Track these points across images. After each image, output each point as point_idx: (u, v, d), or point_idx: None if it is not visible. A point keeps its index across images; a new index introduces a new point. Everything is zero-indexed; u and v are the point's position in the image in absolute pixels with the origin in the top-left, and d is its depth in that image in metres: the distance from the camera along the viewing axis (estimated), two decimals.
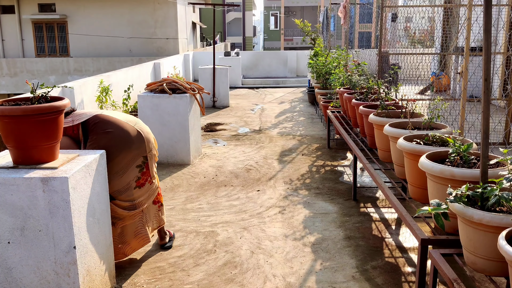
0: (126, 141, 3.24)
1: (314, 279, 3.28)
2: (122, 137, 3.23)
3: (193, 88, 6.12)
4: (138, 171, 3.34)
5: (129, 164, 3.28)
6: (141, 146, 3.34)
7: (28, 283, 2.66)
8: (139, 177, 3.36)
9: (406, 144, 3.13)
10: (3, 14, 20.19)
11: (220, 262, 3.54)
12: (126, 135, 3.26)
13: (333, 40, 12.53)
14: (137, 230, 3.48)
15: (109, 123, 3.24)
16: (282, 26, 40.97)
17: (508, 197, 2.03)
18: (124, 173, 3.26)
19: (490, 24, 2.18)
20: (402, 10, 7.52)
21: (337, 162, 6.22)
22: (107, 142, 3.17)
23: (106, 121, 3.24)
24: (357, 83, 6.07)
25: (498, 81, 7.75)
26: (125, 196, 3.31)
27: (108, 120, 3.25)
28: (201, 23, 27.28)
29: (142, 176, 3.38)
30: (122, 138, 3.23)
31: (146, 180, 3.43)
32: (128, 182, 3.29)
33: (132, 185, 3.33)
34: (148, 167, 3.42)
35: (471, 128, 4.32)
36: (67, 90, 6.31)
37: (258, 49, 49.58)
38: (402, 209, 3.10)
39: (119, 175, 3.24)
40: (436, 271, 2.45)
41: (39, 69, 19.19)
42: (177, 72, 12.94)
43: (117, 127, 3.24)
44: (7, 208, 2.57)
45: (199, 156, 6.51)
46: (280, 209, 4.58)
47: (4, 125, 2.58)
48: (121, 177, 3.25)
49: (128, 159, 3.26)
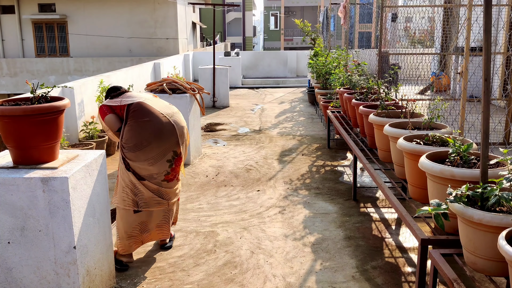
0: (158, 133, 3.35)
1: (314, 279, 3.28)
2: (154, 129, 3.34)
3: (193, 88, 6.12)
4: (168, 165, 3.43)
5: (160, 156, 3.37)
6: (172, 139, 3.43)
7: (28, 283, 2.66)
8: (168, 172, 3.44)
9: (406, 144, 3.13)
10: (3, 14, 20.18)
11: (220, 262, 3.54)
12: (159, 127, 3.36)
13: (333, 40, 12.54)
14: (160, 223, 3.56)
15: (146, 113, 3.36)
16: (282, 26, 40.96)
17: (508, 197, 2.03)
18: (155, 163, 3.36)
19: (490, 24, 2.18)
20: (402, 10, 7.52)
21: (337, 162, 6.22)
22: (140, 130, 3.31)
23: (145, 111, 3.37)
24: (357, 83, 6.07)
25: (498, 81, 7.75)
26: (154, 184, 3.40)
27: (147, 109, 3.38)
28: (201, 23, 27.28)
29: (171, 171, 3.47)
30: (154, 129, 3.34)
31: (175, 176, 3.52)
32: (157, 173, 3.39)
33: (160, 178, 3.41)
34: (177, 163, 3.51)
35: (471, 128, 4.32)
36: (67, 90, 6.31)
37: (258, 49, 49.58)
38: (402, 209, 3.10)
39: (150, 163, 3.35)
40: (436, 271, 2.45)
41: (39, 69, 19.18)
42: (177, 72, 12.93)
43: (152, 118, 3.36)
44: (7, 208, 2.57)
45: (199, 156, 6.51)
46: (280, 209, 4.58)
47: (4, 125, 2.58)
48: (151, 166, 3.36)
49: (159, 151, 3.36)
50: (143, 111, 3.37)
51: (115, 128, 3.42)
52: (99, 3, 19.59)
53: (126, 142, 3.32)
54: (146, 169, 3.35)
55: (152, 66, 11.27)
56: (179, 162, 3.52)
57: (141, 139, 3.29)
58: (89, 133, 6.42)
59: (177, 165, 3.51)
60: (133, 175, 3.35)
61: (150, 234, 3.55)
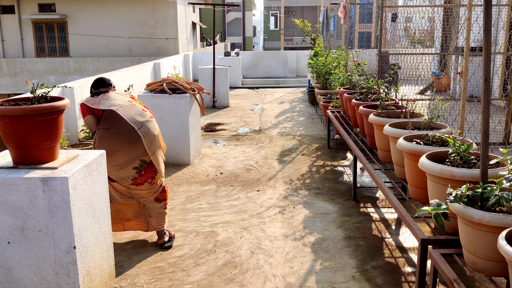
0: (123, 144, 3.52)
1: (314, 279, 3.28)
2: (120, 140, 3.51)
3: (193, 88, 6.12)
4: (134, 172, 3.59)
5: (126, 164, 3.56)
6: (138, 149, 3.56)
7: (28, 283, 2.66)
8: (135, 177, 3.61)
9: (406, 144, 3.13)
10: (3, 14, 20.18)
11: (220, 262, 3.54)
12: (126, 138, 3.52)
13: (333, 40, 12.54)
14: (136, 214, 3.79)
15: (116, 123, 3.53)
16: (282, 26, 40.96)
17: (508, 197, 2.03)
18: (120, 170, 3.56)
19: (490, 24, 2.18)
20: (402, 10, 7.52)
21: (337, 162, 6.22)
22: (108, 140, 3.51)
23: (113, 120, 3.53)
24: (357, 83, 6.07)
25: (498, 81, 7.75)
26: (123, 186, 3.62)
27: (116, 119, 3.53)
28: (201, 23, 27.28)
29: (139, 177, 3.62)
30: (120, 140, 3.51)
31: (145, 180, 3.66)
32: (124, 177, 3.59)
33: (128, 182, 3.60)
34: (147, 169, 3.64)
35: (471, 128, 4.32)
36: (67, 90, 6.31)
37: (258, 49, 49.57)
38: (402, 209, 3.10)
39: (115, 169, 3.56)
40: (436, 271, 2.45)
41: (39, 69, 19.18)
42: (177, 72, 12.94)
43: (118, 130, 3.52)
44: (7, 208, 2.57)
45: (199, 156, 6.51)
46: (280, 209, 4.58)
47: (4, 125, 2.58)
48: (117, 171, 3.57)
49: (124, 159, 3.54)
50: (112, 120, 3.52)
51: (92, 131, 3.63)
52: (99, 3, 19.59)
53: (96, 148, 3.52)
54: (113, 173, 3.56)
55: (152, 66, 11.27)
56: (150, 168, 3.64)
57: (108, 148, 3.46)
58: (89, 133, 6.42)
59: (147, 171, 3.63)
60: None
61: (131, 223, 3.81)
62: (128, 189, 3.62)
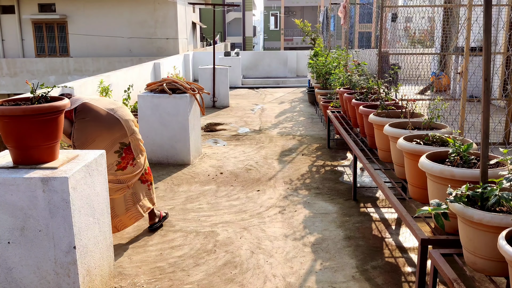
0: (102, 129, 3.61)
1: (314, 279, 3.28)
2: (98, 125, 3.59)
3: (193, 88, 6.12)
4: (117, 156, 3.71)
5: (108, 149, 3.64)
6: (117, 132, 3.68)
7: (28, 283, 2.66)
8: (119, 161, 3.73)
9: (406, 144, 3.13)
10: (3, 14, 20.19)
11: (220, 262, 3.55)
12: (102, 123, 3.62)
13: (333, 40, 12.53)
14: (128, 207, 3.85)
15: (89, 111, 3.60)
16: (282, 26, 40.96)
17: (508, 197, 2.03)
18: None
19: (490, 24, 2.18)
20: (402, 10, 7.52)
21: (337, 162, 6.22)
22: (84, 128, 3.57)
23: (88, 110, 3.60)
24: (357, 83, 6.07)
25: (498, 81, 7.75)
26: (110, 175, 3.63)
27: (90, 108, 3.61)
28: (201, 23, 27.28)
29: (122, 160, 3.75)
30: (98, 126, 3.59)
31: (127, 163, 3.78)
32: (109, 165, 3.62)
33: (113, 169, 3.69)
34: (127, 151, 3.77)
35: (471, 128, 4.32)
36: (67, 90, 6.31)
37: (258, 49, 49.56)
38: (402, 209, 3.10)
39: None
40: (436, 271, 2.45)
41: (39, 69, 19.19)
42: (177, 72, 12.94)
43: (95, 115, 3.61)
44: (7, 208, 2.57)
45: (199, 156, 6.51)
46: (280, 209, 4.58)
47: (4, 125, 2.58)
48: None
49: (105, 144, 3.63)
50: (85, 110, 3.60)
51: (67, 132, 3.59)
52: (99, 3, 19.60)
53: (75, 141, 3.58)
54: None
55: (152, 66, 11.27)
56: (129, 150, 3.78)
57: (86, 136, 3.56)
58: None
59: (127, 153, 3.77)
60: None
61: (121, 220, 3.83)
62: (115, 177, 3.70)
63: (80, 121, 3.57)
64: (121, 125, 3.69)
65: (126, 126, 3.72)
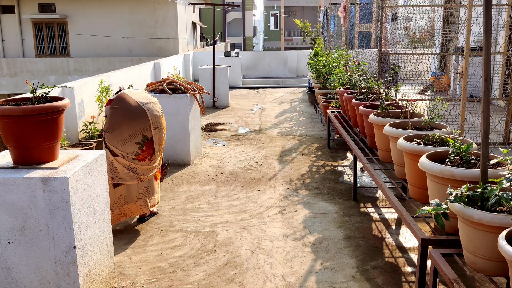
0: (128, 117, 3.93)
1: (314, 279, 3.28)
2: (125, 114, 3.93)
3: (193, 88, 6.12)
4: (137, 147, 3.98)
5: (129, 138, 3.94)
6: (141, 123, 3.96)
7: (28, 283, 2.66)
8: (138, 153, 3.99)
9: (406, 144, 3.13)
10: (3, 14, 20.18)
11: (220, 262, 3.54)
12: (129, 113, 3.94)
13: (333, 40, 12.53)
14: (139, 197, 4.10)
15: (121, 100, 3.98)
16: (282, 26, 40.96)
17: (508, 197, 2.03)
18: (125, 144, 3.95)
19: (490, 24, 2.18)
20: (402, 10, 7.52)
21: (337, 162, 6.22)
22: (113, 115, 3.96)
23: (120, 99, 3.99)
24: (357, 83, 6.07)
25: (498, 81, 7.75)
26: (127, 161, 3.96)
27: (122, 98, 3.99)
28: (201, 23, 27.28)
29: (142, 152, 4.01)
30: (125, 114, 3.93)
31: (146, 157, 4.04)
32: (128, 152, 3.96)
33: (131, 157, 3.97)
34: (148, 145, 4.02)
35: (471, 128, 4.32)
36: (67, 90, 6.31)
37: (258, 49, 49.56)
38: (402, 209, 3.10)
39: (120, 144, 3.95)
40: (436, 271, 2.45)
41: (39, 69, 19.18)
42: (177, 72, 12.93)
43: (124, 105, 3.96)
44: (7, 208, 2.57)
45: (199, 156, 6.51)
46: (280, 209, 4.58)
47: (4, 125, 2.59)
48: (121, 146, 3.95)
49: (128, 133, 3.93)
50: (118, 99, 3.98)
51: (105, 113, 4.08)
52: (99, 3, 19.59)
53: (104, 125, 4.00)
54: (118, 149, 3.94)
55: (152, 66, 11.27)
56: (150, 145, 4.03)
57: (114, 122, 3.92)
58: (89, 133, 6.42)
59: (148, 147, 4.02)
60: (108, 151, 3.94)
61: (129, 208, 4.06)
62: (132, 164, 3.97)
63: (112, 108, 3.97)
64: (146, 118, 3.97)
65: (152, 119, 4.00)
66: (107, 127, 3.95)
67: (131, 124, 3.92)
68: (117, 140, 3.92)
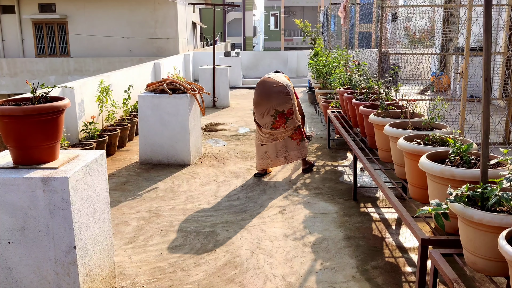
0: (262, 97, 5.30)
1: (314, 279, 3.28)
2: (261, 94, 5.31)
3: (193, 88, 6.12)
4: (272, 118, 5.33)
5: (266, 112, 5.32)
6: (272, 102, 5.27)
7: (28, 283, 2.67)
8: (273, 122, 5.35)
9: (406, 144, 3.13)
10: (3, 14, 20.19)
11: (220, 262, 3.55)
12: (264, 93, 5.30)
13: (333, 40, 12.53)
14: (277, 154, 5.49)
15: (260, 83, 5.39)
16: (282, 26, 40.96)
17: (508, 197, 2.03)
18: (263, 116, 5.34)
19: (490, 24, 2.18)
20: (402, 10, 7.52)
21: (337, 162, 6.22)
22: (255, 95, 5.40)
23: (260, 82, 5.40)
24: (357, 83, 6.07)
25: (498, 81, 7.75)
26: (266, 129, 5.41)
27: (263, 81, 5.40)
28: (201, 23, 27.28)
29: (276, 122, 5.35)
30: (261, 94, 5.31)
31: (279, 125, 5.37)
32: (265, 123, 5.37)
33: (269, 126, 5.37)
34: (280, 117, 5.34)
35: (471, 128, 4.32)
36: (67, 90, 6.31)
37: (258, 49, 49.55)
38: (402, 209, 3.10)
39: (260, 116, 5.36)
40: (436, 271, 2.45)
41: (39, 69, 19.18)
42: (177, 72, 12.93)
43: (262, 87, 5.34)
44: (7, 208, 2.57)
45: (199, 156, 6.51)
46: (280, 209, 4.58)
47: (4, 125, 2.59)
48: (261, 118, 5.35)
49: (264, 108, 5.31)
50: (260, 83, 5.40)
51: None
52: (99, 3, 19.60)
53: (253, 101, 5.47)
54: (259, 120, 5.39)
55: (152, 66, 11.27)
56: (282, 116, 5.34)
57: (255, 100, 5.37)
58: (89, 133, 6.42)
59: (281, 118, 5.34)
60: (256, 123, 5.50)
61: (272, 161, 5.51)
62: (270, 131, 5.38)
63: (255, 89, 5.38)
64: (275, 97, 5.25)
65: (281, 97, 5.26)
66: (253, 104, 5.42)
67: (265, 103, 5.26)
68: (258, 114, 5.34)
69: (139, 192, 5.12)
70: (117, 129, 6.93)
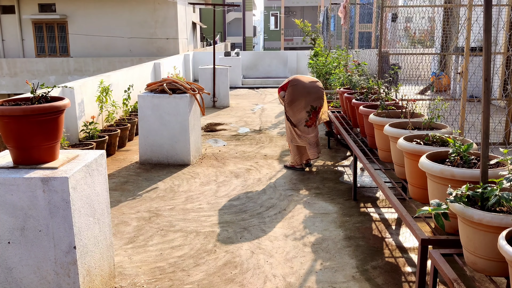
0: (300, 93, 5.56)
1: (314, 279, 3.28)
2: (299, 90, 5.56)
3: (193, 88, 6.12)
4: (307, 115, 5.60)
5: (302, 108, 5.58)
6: (309, 98, 5.55)
7: (28, 283, 2.67)
8: (307, 119, 5.61)
9: (406, 144, 3.13)
10: (3, 14, 20.18)
11: (220, 262, 3.55)
12: (302, 90, 5.56)
13: (333, 40, 12.53)
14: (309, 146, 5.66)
15: (296, 80, 5.63)
16: (282, 26, 40.96)
17: (508, 197, 2.03)
18: (300, 113, 5.59)
19: (490, 24, 2.18)
20: (402, 10, 7.52)
21: (337, 162, 6.22)
22: (292, 92, 5.59)
23: (296, 81, 5.63)
24: (357, 83, 6.07)
25: (498, 81, 7.75)
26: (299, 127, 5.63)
27: (297, 79, 5.65)
28: (201, 23, 27.27)
29: (309, 119, 5.62)
30: (299, 91, 5.56)
31: (312, 123, 5.65)
32: (300, 119, 5.61)
33: (303, 123, 5.62)
34: (314, 113, 5.63)
35: (471, 128, 4.32)
36: (67, 90, 6.31)
37: (258, 49, 49.54)
38: (402, 209, 3.10)
39: (297, 112, 5.59)
40: (436, 271, 2.45)
41: (39, 69, 19.17)
42: (177, 72, 12.94)
43: (298, 83, 5.59)
44: (7, 208, 2.57)
45: (199, 156, 6.51)
46: (280, 209, 4.58)
47: (4, 125, 2.59)
48: (298, 114, 5.59)
49: (302, 104, 5.57)
50: (294, 81, 5.62)
51: (281, 96, 5.72)
52: (99, 3, 19.59)
53: (285, 100, 5.64)
54: (295, 117, 5.60)
55: (152, 66, 11.27)
56: (314, 114, 5.62)
57: (294, 96, 5.55)
58: (89, 133, 6.42)
59: (314, 115, 5.63)
60: (289, 123, 5.68)
61: (304, 155, 5.78)
62: (304, 129, 5.60)
63: (291, 87, 5.57)
64: (314, 92, 5.56)
65: (318, 93, 5.60)
66: (288, 101, 5.59)
67: (303, 98, 5.52)
68: (296, 109, 5.56)
69: (139, 192, 5.12)
70: (117, 129, 6.94)
